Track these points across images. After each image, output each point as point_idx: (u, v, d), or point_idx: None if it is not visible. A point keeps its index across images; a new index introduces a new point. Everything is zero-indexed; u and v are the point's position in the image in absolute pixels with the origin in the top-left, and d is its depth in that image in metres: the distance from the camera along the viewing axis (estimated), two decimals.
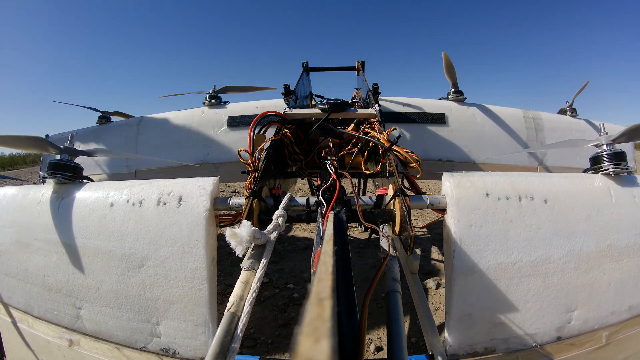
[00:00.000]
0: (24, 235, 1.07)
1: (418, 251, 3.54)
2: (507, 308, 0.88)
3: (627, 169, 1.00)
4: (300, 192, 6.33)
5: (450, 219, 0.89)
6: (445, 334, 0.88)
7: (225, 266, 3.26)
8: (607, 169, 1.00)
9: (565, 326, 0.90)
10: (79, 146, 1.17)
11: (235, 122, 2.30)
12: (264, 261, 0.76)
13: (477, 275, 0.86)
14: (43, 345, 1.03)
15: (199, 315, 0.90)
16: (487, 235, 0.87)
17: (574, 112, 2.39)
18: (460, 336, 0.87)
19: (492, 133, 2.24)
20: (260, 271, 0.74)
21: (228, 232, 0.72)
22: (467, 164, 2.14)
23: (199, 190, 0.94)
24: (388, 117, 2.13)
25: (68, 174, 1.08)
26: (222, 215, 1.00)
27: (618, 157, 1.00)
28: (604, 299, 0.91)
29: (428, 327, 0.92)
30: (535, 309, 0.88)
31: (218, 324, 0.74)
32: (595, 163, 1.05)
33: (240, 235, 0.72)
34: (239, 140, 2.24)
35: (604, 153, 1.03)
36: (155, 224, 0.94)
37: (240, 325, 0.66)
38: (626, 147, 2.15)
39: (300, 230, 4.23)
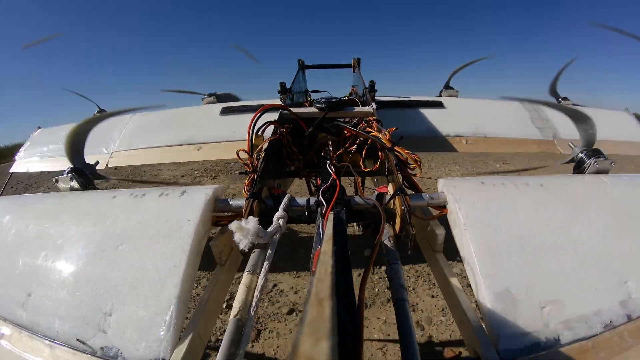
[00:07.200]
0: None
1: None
2: (547, 281, 0.74)
3: (607, 158, 1.12)
4: (300, 192, 6.28)
5: (452, 205, 0.88)
6: (485, 323, 0.70)
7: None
8: (591, 163, 1.12)
9: (629, 301, 0.73)
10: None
11: (228, 110, 2.24)
12: (266, 264, 0.75)
13: (499, 249, 0.79)
14: None
15: (164, 300, 0.74)
16: (494, 209, 0.86)
17: (566, 100, 2.43)
18: (506, 321, 0.69)
19: (494, 113, 2.22)
20: (263, 274, 0.74)
21: (234, 224, 0.71)
22: (476, 139, 2.02)
23: (204, 188, 0.98)
24: (384, 105, 2.11)
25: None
26: (219, 216, 1.00)
27: (595, 153, 1.13)
28: None
29: (465, 316, 0.74)
30: (581, 280, 0.75)
31: (185, 317, 0.73)
32: (579, 166, 1.16)
33: (245, 228, 0.71)
34: (229, 123, 2.13)
35: (582, 155, 1.18)
36: (152, 207, 0.94)
37: (246, 330, 0.65)
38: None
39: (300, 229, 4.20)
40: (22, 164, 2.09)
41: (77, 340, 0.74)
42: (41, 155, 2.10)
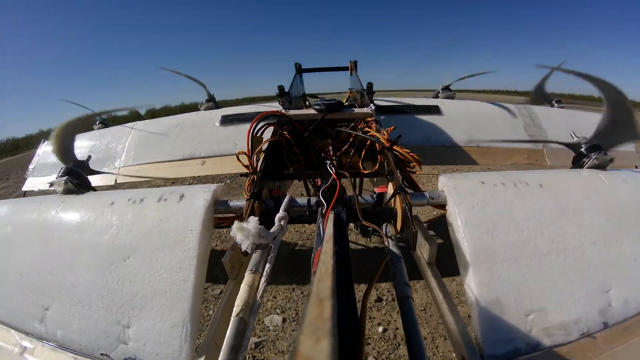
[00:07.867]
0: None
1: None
2: (535, 289, 0.77)
3: (607, 155, 1.09)
4: (297, 193, 6.22)
5: (452, 207, 0.89)
6: (474, 330, 0.74)
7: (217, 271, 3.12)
8: (590, 159, 1.10)
9: (608, 309, 0.78)
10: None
11: (228, 120, 2.26)
12: (268, 266, 0.75)
13: (493, 255, 0.81)
14: None
15: (177, 313, 0.78)
16: (492, 214, 0.87)
17: (559, 103, 2.45)
18: (493, 328, 0.73)
19: (489, 120, 2.23)
20: (265, 274, 0.73)
21: (236, 225, 0.70)
22: (469, 148, 2.06)
23: (202, 191, 0.97)
24: (381, 111, 2.11)
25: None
26: (220, 217, 0.99)
27: (596, 148, 1.12)
28: (637, 275, 0.84)
29: (454, 324, 0.76)
30: (567, 289, 0.79)
31: (199, 327, 0.73)
32: (579, 159, 1.15)
33: (247, 229, 0.70)
34: (230, 135, 2.16)
35: (583, 149, 1.15)
36: (152, 216, 0.93)
37: (248, 330, 0.65)
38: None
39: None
40: (33, 179, 2.13)
41: (102, 354, 0.79)
42: (50, 167, 2.10)
